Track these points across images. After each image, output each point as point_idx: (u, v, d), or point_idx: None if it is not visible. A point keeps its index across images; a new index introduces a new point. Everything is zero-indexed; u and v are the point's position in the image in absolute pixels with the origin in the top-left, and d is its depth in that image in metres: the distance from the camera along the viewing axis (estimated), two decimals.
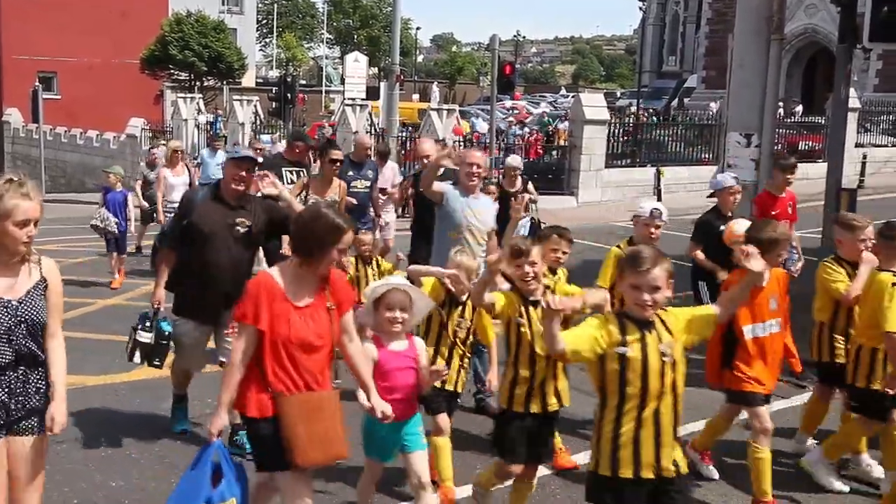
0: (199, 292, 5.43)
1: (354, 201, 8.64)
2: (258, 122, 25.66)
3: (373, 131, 21.43)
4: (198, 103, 28.00)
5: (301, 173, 8.46)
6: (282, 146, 22.48)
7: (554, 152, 22.12)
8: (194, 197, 5.69)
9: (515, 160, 9.95)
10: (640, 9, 65.95)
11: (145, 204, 13.64)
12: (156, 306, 5.73)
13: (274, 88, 22.94)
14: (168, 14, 44.93)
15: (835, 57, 9.54)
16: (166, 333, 5.68)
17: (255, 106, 25.89)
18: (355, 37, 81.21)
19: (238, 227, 5.41)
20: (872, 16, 8.15)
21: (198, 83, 41.96)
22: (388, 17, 65.33)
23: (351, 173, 8.95)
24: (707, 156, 22.11)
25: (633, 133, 22.45)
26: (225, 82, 43.13)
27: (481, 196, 6.50)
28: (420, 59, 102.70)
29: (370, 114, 21.87)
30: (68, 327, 8.51)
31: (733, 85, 8.20)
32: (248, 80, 51.12)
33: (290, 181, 8.18)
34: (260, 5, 70.39)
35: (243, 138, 24.19)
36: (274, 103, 22.34)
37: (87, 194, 30.81)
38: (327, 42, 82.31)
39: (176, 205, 10.57)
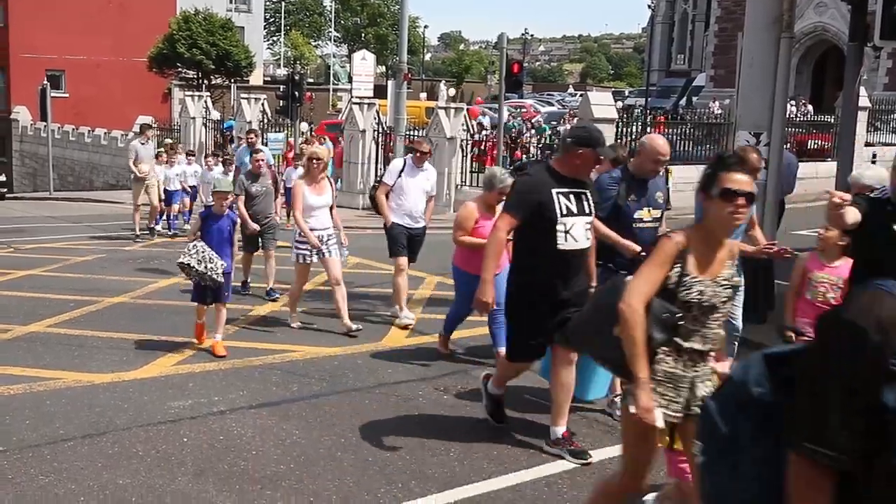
0: None
1: (636, 248, 5.68)
2: (265, 120, 25.67)
3: (380, 130, 21.42)
4: (205, 101, 28.02)
5: (584, 199, 5.30)
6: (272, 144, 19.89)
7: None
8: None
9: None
10: (649, 7, 65.84)
11: (254, 226, 9.82)
12: None
13: (282, 86, 22.86)
14: (176, 12, 45.00)
15: (844, 55, 9.47)
16: None
17: (263, 104, 25.89)
18: (363, 35, 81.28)
19: None
20: (883, 14, 8.08)
21: (205, 81, 42.04)
22: (396, 16, 65.31)
23: (633, 198, 5.86)
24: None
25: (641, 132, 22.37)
26: (233, 80, 43.19)
27: None
28: (428, 57, 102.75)
29: (377, 112, 21.84)
30: (76, 325, 8.58)
31: (742, 83, 8.16)
32: (256, 78, 51.18)
33: (565, 212, 5.14)
34: (268, 3, 70.56)
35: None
36: (281, 101, 22.25)
37: (94, 192, 30.95)
38: (335, 40, 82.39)
39: (319, 233, 8.37)
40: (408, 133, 20.46)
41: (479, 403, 6.45)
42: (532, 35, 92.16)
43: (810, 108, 33.91)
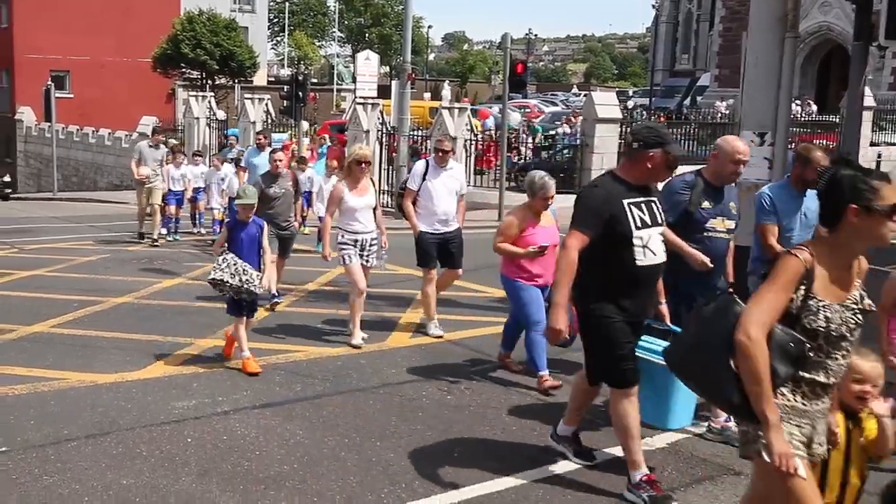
0: None
1: (706, 260, 5.42)
2: (269, 120, 25.68)
3: (384, 130, 21.43)
4: (209, 102, 28.06)
5: (655, 207, 4.86)
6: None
7: (565, 151, 22.04)
8: None
9: None
10: (654, 7, 65.83)
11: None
12: None
13: (285, 87, 22.87)
14: (180, 13, 45.08)
15: (849, 55, 9.45)
16: None
17: (267, 104, 25.91)
18: (367, 35, 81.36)
19: None
20: (888, 13, 8.08)
21: (209, 82, 42.11)
22: (400, 16, 65.32)
23: (706, 205, 5.55)
24: None
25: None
26: (236, 81, 43.25)
27: None
28: (431, 57, 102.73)
29: (381, 112, 21.85)
30: (79, 325, 8.59)
31: (747, 83, 8.13)
32: (260, 78, 51.24)
33: (639, 225, 4.71)
34: (272, 4, 70.56)
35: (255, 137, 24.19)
36: (285, 102, 22.26)
37: (98, 192, 31.02)
38: (339, 40, 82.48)
39: (356, 237, 8.00)
40: (411, 133, 20.47)
41: (484, 406, 6.44)
42: (536, 35, 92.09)
43: (815, 107, 33.87)
